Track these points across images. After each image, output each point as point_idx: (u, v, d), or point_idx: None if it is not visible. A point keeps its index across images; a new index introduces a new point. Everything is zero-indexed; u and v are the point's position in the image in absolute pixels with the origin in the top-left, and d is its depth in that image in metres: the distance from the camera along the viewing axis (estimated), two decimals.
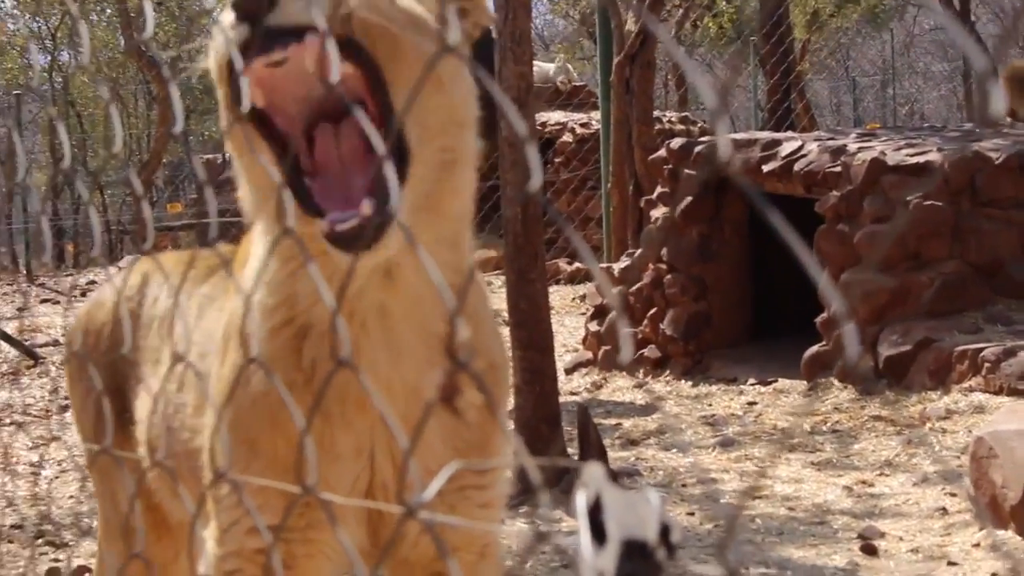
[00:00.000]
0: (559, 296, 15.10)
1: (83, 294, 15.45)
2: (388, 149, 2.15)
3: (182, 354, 2.81)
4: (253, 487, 2.55)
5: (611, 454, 7.95)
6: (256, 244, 2.68)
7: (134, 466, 3.21)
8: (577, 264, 17.22)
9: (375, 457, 2.64)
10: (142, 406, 3.41)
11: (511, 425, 7.26)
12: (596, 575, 1.45)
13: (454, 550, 2.79)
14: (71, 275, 20.48)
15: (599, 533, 1.47)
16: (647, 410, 9.75)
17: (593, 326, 11.51)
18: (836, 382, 9.34)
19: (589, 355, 11.46)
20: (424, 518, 1.58)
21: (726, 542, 1.18)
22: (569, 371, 11.25)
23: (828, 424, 8.68)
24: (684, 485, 7.66)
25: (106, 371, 3.54)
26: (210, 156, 26.05)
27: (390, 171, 2.03)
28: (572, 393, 10.44)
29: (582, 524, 1.47)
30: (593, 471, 1.49)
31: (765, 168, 10.18)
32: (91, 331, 3.81)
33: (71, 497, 8.20)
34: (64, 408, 10.60)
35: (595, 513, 1.48)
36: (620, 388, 10.56)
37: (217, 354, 2.82)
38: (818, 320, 9.51)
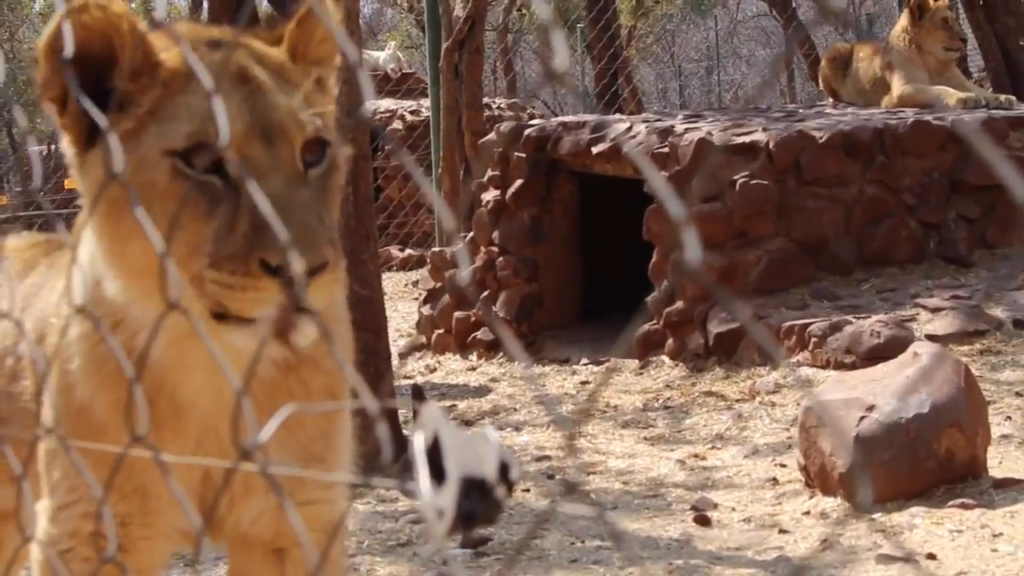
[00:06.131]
0: (392, 283, 15.08)
1: None
2: None
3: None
4: (88, 463, 2.49)
5: None
6: (82, 247, 2.56)
7: None
8: (409, 251, 17.22)
9: (204, 437, 2.57)
10: None
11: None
12: (436, 514, 1.44)
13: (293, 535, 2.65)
14: None
15: (438, 472, 1.46)
16: (481, 391, 9.77)
17: (426, 310, 11.50)
18: (667, 360, 9.44)
19: (423, 339, 11.45)
20: (259, 463, 1.56)
21: (569, 453, 1.18)
22: (403, 355, 11.23)
23: (660, 400, 8.77)
24: (520, 464, 7.68)
25: None
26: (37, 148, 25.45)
27: None
28: (407, 377, 10.43)
29: (420, 463, 1.46)
30: (431, 411, 1.48)
31: (595, 150, 10.25)
32: None
33: None
34: None
35: (434, 453, 1.47)
36: (454, 371, 10.56)
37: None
38: (648, 299, 9.61)
